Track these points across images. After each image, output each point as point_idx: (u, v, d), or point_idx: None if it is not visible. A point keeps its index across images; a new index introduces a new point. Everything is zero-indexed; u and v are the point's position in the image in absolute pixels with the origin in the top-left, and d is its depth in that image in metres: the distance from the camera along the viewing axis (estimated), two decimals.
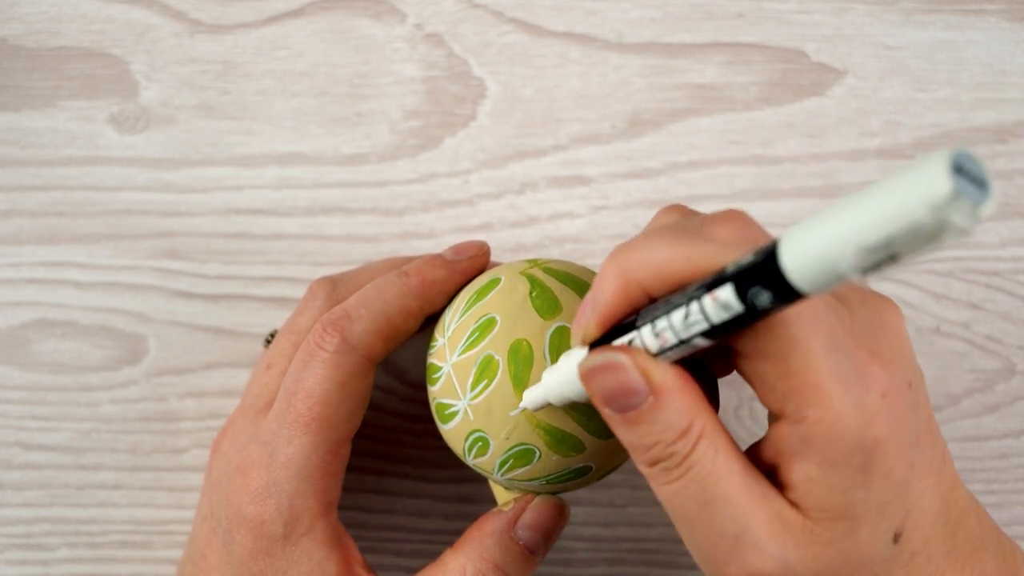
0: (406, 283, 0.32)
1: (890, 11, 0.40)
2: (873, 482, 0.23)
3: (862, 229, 0.18)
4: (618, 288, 0.24)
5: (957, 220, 0.16)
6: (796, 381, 0.23)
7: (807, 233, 0.19)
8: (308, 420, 0.30)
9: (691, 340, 0.23)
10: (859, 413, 0.23)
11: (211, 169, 0.40)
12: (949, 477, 0.26)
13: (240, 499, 0.30)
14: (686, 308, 0.22)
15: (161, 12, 0.40)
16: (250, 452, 0.31)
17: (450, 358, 0.30)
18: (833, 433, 0.23)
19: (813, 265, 0.19)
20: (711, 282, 0.22)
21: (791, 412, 0.23)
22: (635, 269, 0.24)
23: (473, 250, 0.33)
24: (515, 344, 0.29)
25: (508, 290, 0.30)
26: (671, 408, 0.23)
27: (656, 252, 0.23)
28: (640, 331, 0.24)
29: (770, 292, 0.20)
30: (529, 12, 0.40)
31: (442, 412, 0.31)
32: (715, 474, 0.23)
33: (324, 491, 0.30)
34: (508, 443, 0.29)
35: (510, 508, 0.31)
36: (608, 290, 0.24)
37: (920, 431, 0.24)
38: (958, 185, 0.16)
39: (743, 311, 0.21)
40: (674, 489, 0.24)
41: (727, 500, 0.24)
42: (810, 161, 0.40)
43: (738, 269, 0.21)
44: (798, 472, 0.24)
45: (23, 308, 0.39)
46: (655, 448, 0.24)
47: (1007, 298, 0.40)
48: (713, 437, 0.24)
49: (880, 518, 0.24)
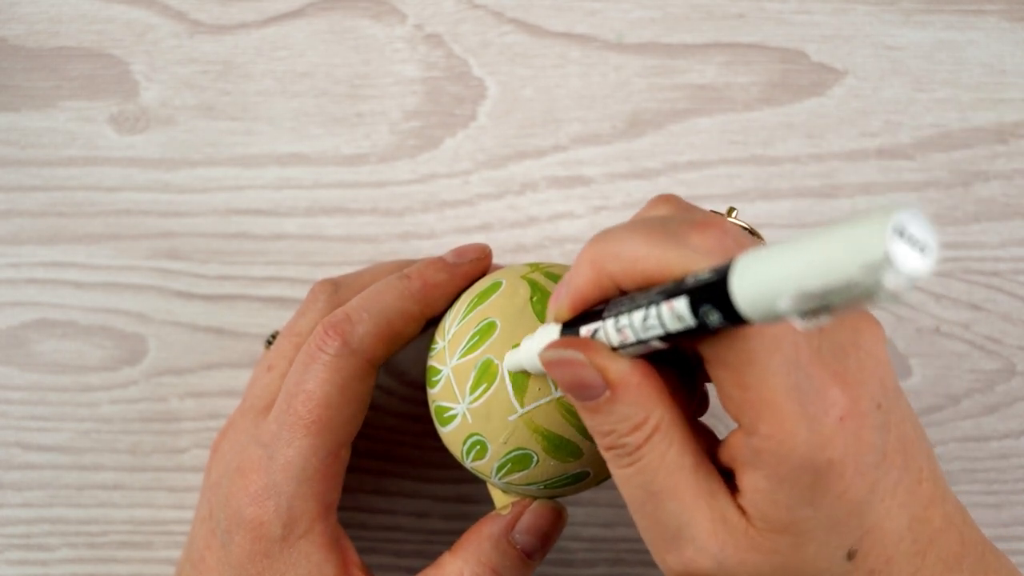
0: (408, 286, 0.32)
1: (890, 11, 0.40)
2: (823, 500, 0.23)
3: (801, 275, 0.18)
4: (591, 276, 0.24)
5: (889, 284, 0.16)
6: (751, 394, 0.23)
7: (756, 265, 0.19)
8: (308, 422, 0.30)
9: (648, 341, 0.23)
10: (812, 434, 0.23)
11: (211, 169, 0.40)
12: (925, 496, 0.26)
13: (239, 500, 0.30)
14: (646, 311, 0.22)
15: (161, 12, 0.40)
16: (250, 454, 0.31)
17: (450, 361, 0.30)
18: (783, 450, 0.23)
19: (756, 298, 0.19)
20: (670, 290, 0.22)
21: (745, 423, 0.23)
22: (609, 260, 0.24)
23: (475, 253, 0.33)
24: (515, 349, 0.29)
25: (509, 294, 0.30)
26: (626, 402, 0.24)
27: (631, 247, 0.24)
28: (605, 323, 0.24)
29: (720, 313, 0.20)
30: (529, 12, 0.40)
31: (441, 415, 0.31)
32: (664, 468, 0.24)
33: (323, 494, 0.30)
34: (506, 447, 0.29)
35: (508, 512, 0.31)
36: (582, 276, 0.25)
37: (888, 451, 0.24)
38: (894, 249, 0.16)
39: (695, 325, 0.21)
40: (625, 475, 0.25)
41: (673, 494, 0.24)
42: (810, 161, 0.40)
43: (695, 284, 0.21)
44: (748, 481, 0.24)
45: (23, 308, 0.39)
46: (611, 436, 0.25)
47: (1007, 298, 0.40)
48: (668, 431, 0.24)
49: (830, 536, 0.24)
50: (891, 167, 0.40)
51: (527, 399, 0.29)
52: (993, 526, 0.39)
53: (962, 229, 0.40)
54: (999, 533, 0.40)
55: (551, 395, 0.29)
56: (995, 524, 0.40)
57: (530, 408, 0.29)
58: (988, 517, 0.40)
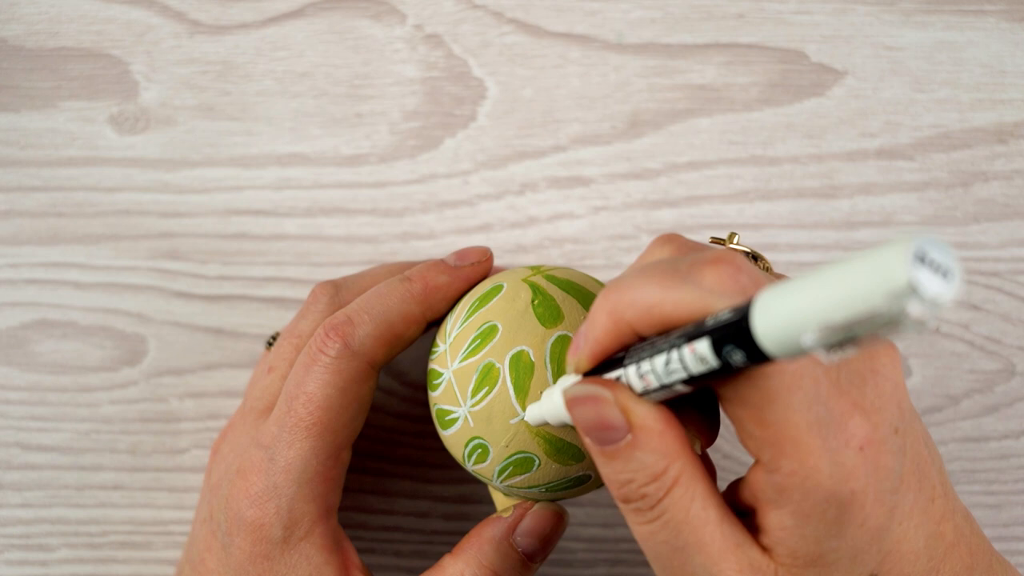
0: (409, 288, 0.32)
1: (890, 12, 0.40)
2: (847, 531, 0.23)
3: (824, 308, 0.17)
4: (609, 326, 0.24)
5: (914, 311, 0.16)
6: (772, 431, 0.23)
7: (778, 301, 0.19)
8: (309, 424, 0.30)
9: (672, 386, 0.23)
10: (835, 467, 0.23)
11: (211, 170, 0.40)
12: (937, 512, 0.26)
13: (240, 502, 0.30)
14: (667, 355, 0.22)
15: (161, 13, 0.40)
16: (250, 455, 0.31)
17: (451, 364, 0.30)
18: (807, 486, 0.23)
19: (780, 335, 0.19)
20: (691, 333, 0.22)
21: (767, 460, 0.23)
22: (625, 309, 0.24)
23: (476, 256, 0.33)
24: (516, 353, 0.29)
25: (510, 297, 0.30)
26: (648, 448, 0.24)
27: (645, 293, 0.23)
28: (627, 369, 0.24)
29: (743, 352, 0.20)
30: (529, 13, 0.40)
31: (442, 418, 0.31)
32: (689, 522, 0.24)
33: (324, 496, 0.30)
34: (508, 451, 0.29)
35: (509, 515, 0.31)
36: (599, 326, 0.24)
37: (905, 474, 0.25)
38: (918, 276, 0.16)
39: (719, 366, 0.21)
40: (647, 531, 0.24)
41: (700, 547, 0.24)
42: (810, 162, 0.40)
43: (716, 325, 0.21)
44: (772, 519, 0.24)
45: (23, 308, 0.39)
46: (628, 486, 0.24)
47: (1007, 299, 0.40)
48: (690, 484, 0.24)
49: (853, 564, 0.24)
50: (891, 167, 0.40)
51: (529, 402, 0.29)
52: (993, 526, 0.40)
53: (962, 229, 0.40)
54: (999, 533, 0.40)
55: None
56: (995, 524, 0.40)
57: None
58: (988, 517, 0.40)
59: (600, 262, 0.40)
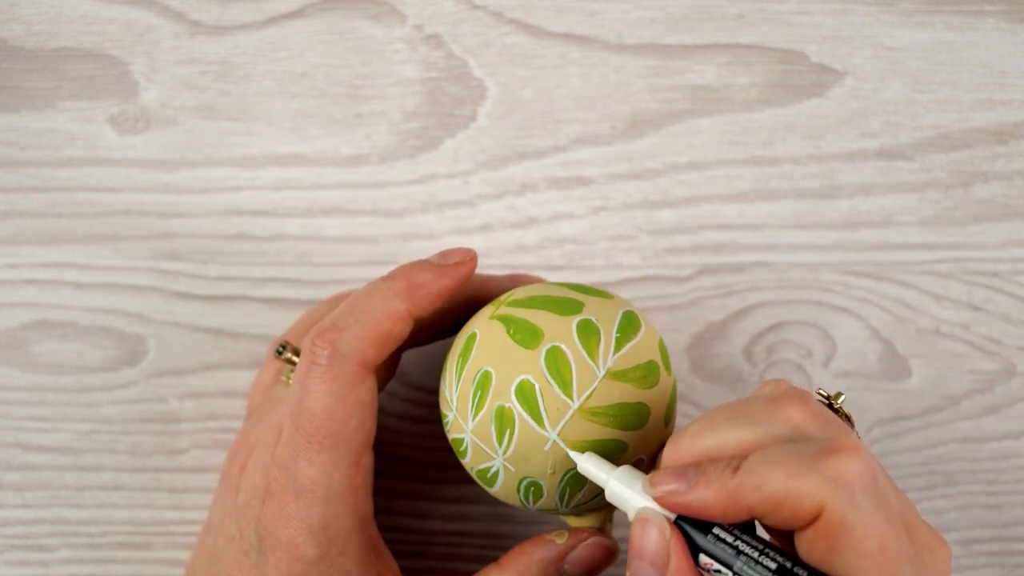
0: (391, 286, 0.31)
1: (890, 12, 0.40)
2: None
3: None
4: (727, 501, 0.25)
5: None
6: None
7: None
8: (320, 439, 0.30)
9: None
10: None
11: (211, 170, 0.40)
12: None
13: (273, 523, 0.30)
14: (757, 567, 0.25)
15: (161, 13, 0.40)
16: (275, 476, 0.30)
17: (467, 426, 0.30)
18: None
19: None
20: None
21: None
22: (750, 492, 0.25)
23: (459, 256, 0.33)
24: (519, 384, 0.29)
25: (486, 338, 0.30)
26: None
27: (773, 481, 0.25)
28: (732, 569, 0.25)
29: None
30: (529, 13, 0.40)
31: (484, 477, 0.31)
32: None
33: (354, 508, 0.30)
34: (556, 476, 0.29)
35: (563, 541, 0.31)
36: (712, 499, 0.25)
37: None
38: None
39: None
40: None
41: None
42: (810, 162, 0.40)
43: None
44: None
45: (23, 309, 0.39)
46: None
47: (1007, 299, 0.40)
48: None
49: None
50: (891, 168, 0.40)
51: (551, 422, 0.29)
52: (993, 526, 0.40)
53: (962, 230, 0.40)
54: (999, 533, 0.40)
55: (571, 407, 0.29)
56: (995, 524, 0.40)
57: (559, 428, 0.29)
58: (988, 517, 0.40)
59: (600, 262, 0.40)
